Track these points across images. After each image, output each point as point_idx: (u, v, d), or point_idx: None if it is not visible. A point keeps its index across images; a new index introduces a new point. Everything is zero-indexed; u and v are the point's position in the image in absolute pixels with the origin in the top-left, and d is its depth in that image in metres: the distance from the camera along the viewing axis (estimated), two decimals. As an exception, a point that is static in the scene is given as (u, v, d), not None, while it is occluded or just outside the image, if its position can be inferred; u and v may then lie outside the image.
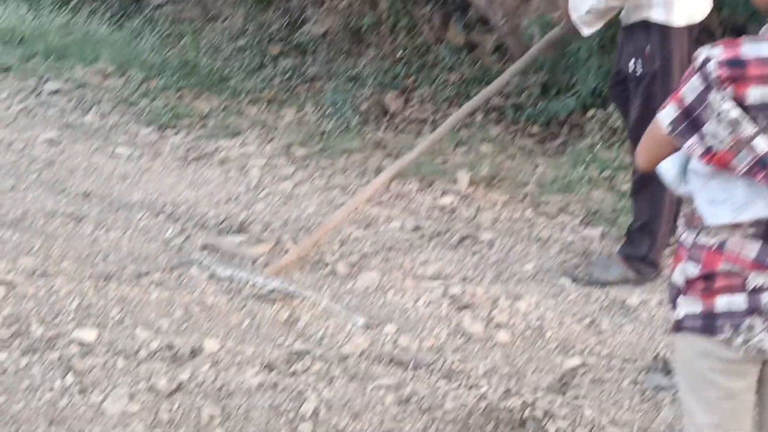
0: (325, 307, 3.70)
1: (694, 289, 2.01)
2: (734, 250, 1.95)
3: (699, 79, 1.89)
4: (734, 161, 1.88)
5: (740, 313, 1.97)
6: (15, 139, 5.68)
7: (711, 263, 1.98)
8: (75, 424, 2.98)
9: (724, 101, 1.85)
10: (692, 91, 1.90)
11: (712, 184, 1.96)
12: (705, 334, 2.00)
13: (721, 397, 2.03)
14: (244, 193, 4.93)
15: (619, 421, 3.05)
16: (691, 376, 2.07)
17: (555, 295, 3.88)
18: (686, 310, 2.03)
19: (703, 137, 1.90)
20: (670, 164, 2.05)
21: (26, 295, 3.64)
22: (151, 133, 5.86)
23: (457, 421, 3.06)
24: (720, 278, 1.97)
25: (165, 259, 4.14)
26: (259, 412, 3.09)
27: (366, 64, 7.10)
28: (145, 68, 7.01)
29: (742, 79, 1.84)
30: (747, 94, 1.84)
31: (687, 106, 1.92)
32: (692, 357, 2.05)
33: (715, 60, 1.86)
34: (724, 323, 1.98)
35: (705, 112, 1.89)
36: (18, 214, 4.56)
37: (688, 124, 1.92)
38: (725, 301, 1.97)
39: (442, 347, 3.48)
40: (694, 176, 1.99)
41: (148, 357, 3.34)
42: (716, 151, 1.89)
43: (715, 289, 1.98)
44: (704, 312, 2.00)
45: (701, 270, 1.99)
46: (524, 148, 5.56)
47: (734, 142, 1.86)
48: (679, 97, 1.94)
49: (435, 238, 4.41)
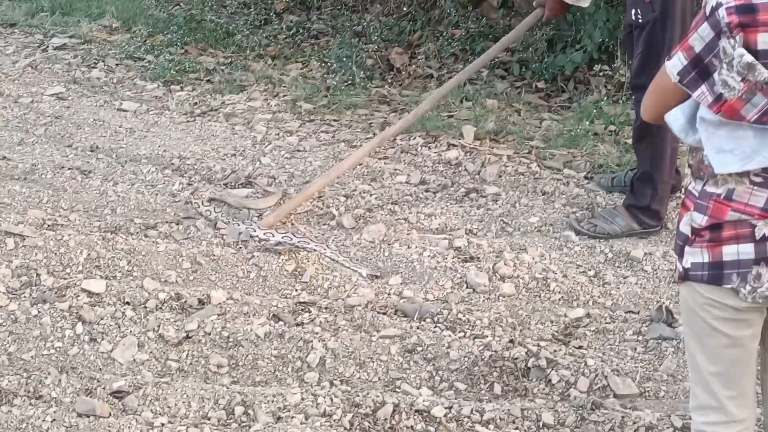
0: (330, 257, 3.74)
1: (701, 239, 2.01)
2: (742, 199, 1.96)
3: (709, 26, 1.88)
4: (744, 109, 1.88)
5: (747, 262, 1.97)
6: (22, 93, 5.70)
7: (719, 213, 1.98)
8: (85, 372, 3.03)
9: (736, 48, 1.84)
10: (702, 39, 1.90)
11: (720, 133, 1.95)
12: (712, 283, 2.01)
13: (726, 345, 2.05)
14: (250, 148, 4.95)
15: (622, 370, 3.09)
16: (696, 325, 2.08)
17: (559, 247, 3.91)
18: (693, 260, 2.03)
19: (713, 85, 1.90)
20: (677, 114, 2.04)
21: (36, 247, 3.67)
22: (157, 89, 5.86)
23: (461, 370, 3.10)
24: (728, 227, 1.98)
25: (172, 211, 4.17)
26: (265, 361, 3.13)
27: (371, 20, 7.07)
28: (151, 24, 7.00)
29: (753, 25, 1.83)
30: (757, 40, 1.84)
31: (697, 54, 1.91)
32: (698, 306, 2.06)
33: (725, 6, 1.85)
34: (731, 272, 1.99)
35: (715, 59, 1.88)
36: (27, 167, 4.60)
37: (697, 73, 1.92)
38: (733, 250, 1.98)
39: (447, 298, 3.52)
40: (703, 125, 1.98)
41: (157, 307, 3.38)
42: (726, 99, 1.88)
43: (722, 238, 1.99)
44: (711, 262, 2.01)
45: (708, 220, 1.99)
46: (530, 103, 5.55)
47: (746, 89, 1.85)
48: (687, 45, 1.93)
49: (440, 191, 4.43)
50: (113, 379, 2.98)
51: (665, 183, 3.93)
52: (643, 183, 3.94)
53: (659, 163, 3.88)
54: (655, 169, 3.90)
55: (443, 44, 6.44)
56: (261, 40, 6.85)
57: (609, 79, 5.52)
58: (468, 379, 3.08)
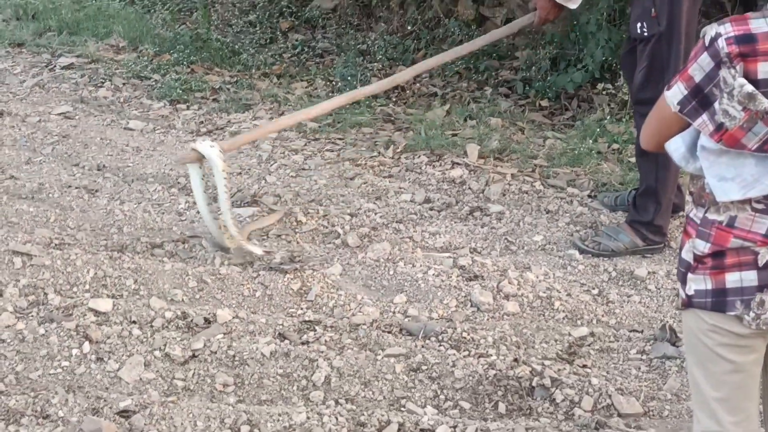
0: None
1: (704, 267, 2.02)
2: (744, 226, 1.97)
3: (708, 56, 1.90)
4: (745, 138, 1.89)
5: (751, 289, 1.98)
6: (29, 113, 5.74)
7: (721, 240, 1.99)
8: (92, 392, 3.04)
9: (737, 77, 1.86)
10: (702, 69, 1.91)
11: (721, 161, 1.96)
12: (715, 310, 2.02)
13: (729, 371, 2.05)
14: (255, 166, 4.98)
15: (626, 389, 3.10)
16: (699, 352, 2.09)
17: (563, 266, 3.93)
18: (696, 287, 2.04)
19: (714, 114, 1.91)
20: (678, 143, 2.05)
21: (43, 266, 3.70)
22: (164, 107, 5.91)
23: (466, 389, 3.11)
24: (730, 254, 1.99)
25: (178, 230, 4.20)
26: (271, 379, 3.15)
27: (375, 39, 7.12)
28: (157, 43, 7.06)
29: (753, 55, 1.85)
30: (757, 70, 1.86)
31: (697, 83, 1.92)
32: (701, 332, 2.06)
33: (724, 36, 1.87)
34: (734, 299, 1.99)
35: (716, 89, 1.90)
36: (34, 186, 4.63)
37: (698, 102, 1.93)
38: (736, 278, 1.99)
39: (451, 317, 3.54)
40: (704, 154, 1.99)
41: (163, 326, 3.40)
42: (727, 128, 1.89)
43: (725, 265, 2.00)
44: (714, 289, 2.02)
45: (711, 247, 2.00)
46: (533, 122, 5.59)
47: (746, 118, 1.87)
48: (687, 75, 1.95)
49: (445, 210, 4.46)
50: (120, 398, 3.00)
51: (668, 198, 3.95)
52: (646, 198, 3.96)
53: (662, 178, 3.90)
54: (658, 185, 3.91)
55: (447, 63, 6.47)
56: (266, 58, 6.91)
57: (612, 98, 5.55)
58: (473, 398, 3.09)
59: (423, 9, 7.18)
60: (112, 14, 7.86)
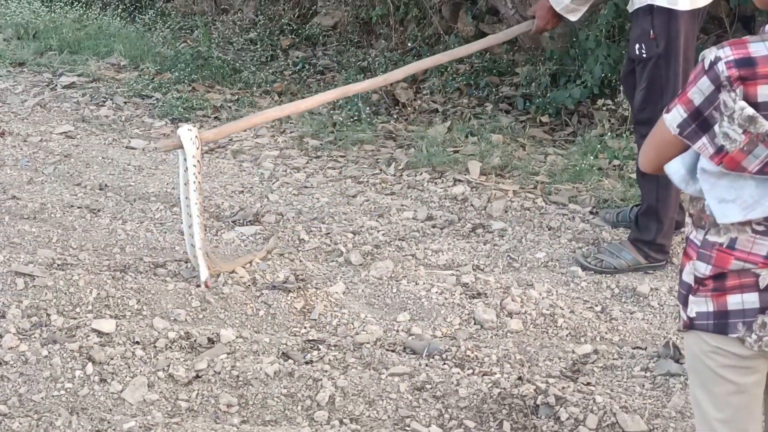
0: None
1: (705, 289, 2.02)
2: (745, 247, 1.97)
3: (708, 79, 1.90)
4: (746, 161, 1.89)
5: (753, 311, 1.98)
6: (31, 132, 5.76)
7: (722, 262, 1.99)
8: (95, 413, 3.03)
9: (737, 101, 1.86)
10: (701, 92, 1.91)
11: (721, 183, 1.95)
12: (717, 332, 2.01)
13: (732, 392, 2.05)
14: (257, 184, 4.99)
15: (631, 407, 3.09)
16: (701, 373, 2.09)
17: (566, 283, 3.93)
18: (698, 309, 2.04)
19: (714, 137, 1.91)
20: (678, 165, 2.04)
21: (45, 287, 3.70)
22: (165, 126, 5.92)
23: (470, 408, 3.11)
24: (731, 277, 1.99)
25: (181, 250, 4.20)
26: (275, 399, 3.14)
27: (376, 55, 7.15)
28: (158, 61, 7.08)
29: (753, 78, 1.86)
30: (757, 93, 1.86)
31: (696, 107, 1.92)
32: (703, 354, 2.06)
33: (724, 60, 1.87)
34: (736, 321, 1.99)
35: (716, 112, 1.90)
36: (36, 206, 4.63)
37: (697, 125, 1.93)
38: (737, 300, 1.99)
39: (455, 335, 3.53)
40: (704, 176, 1.98)
41: (166, 347, 3.39)
42: (728, 151, 1.89)
43: (726, 287, 1.99)
44: (716, 311, 2.01)
45: (712, 269, 2.00)
46: (534, 138, 5.60)
47: (747, 141, 1.87)
48: (686, 99, 1.94)
49: (447, 227, 4.46)
50: (123, 420, 2.99)
51: (670, 218, 3.95)
52: (648, 217, 3.96)
53: (664, 197, 3.90)
54: (659, 204, 3.92)
55: (448, 79, 6.50)
56: (267, 76, 6.93)
57: (612, 113, 5.57)
58: (477, 417, 3.08)
59: (423, 26, 7.21)
60: (112, 33, 7.89)
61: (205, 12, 8.76)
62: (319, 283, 3.87)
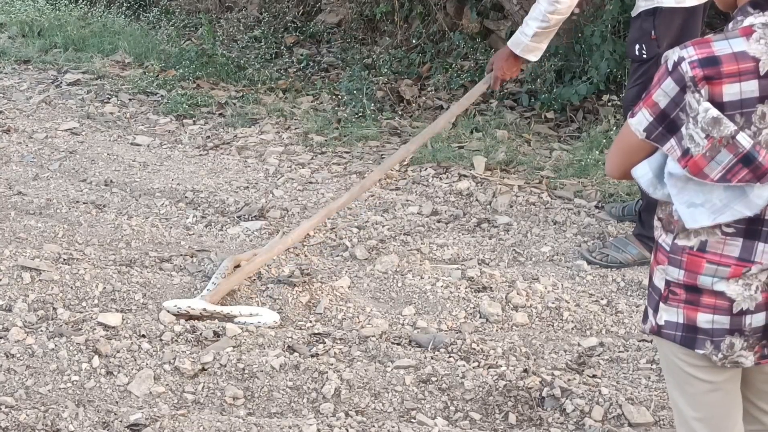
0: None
1: (676, 298, 1.99)
2: (716, 249, 1.93)
3: (673, 81, 1.86)
4: (708, 167, 1.85)
5: (721, 331, 1.95)
6: (36, 129, 5.77)
7: (694, 266, 1.95)
8: (102, 405, 3.04)
9: (701, 102, 1.82)
10: (666, 94, 1.87)
11: (689, 187, 1.91)
12: (684, 345, 1.99)
13: (706, 390, 2.03)
14: (262, 180, 4.99)
15: (637, 398, 3.09)
16: (674, 373, 2.07)
17: (572, 276, 3.93)
18: (667, 318, 2.01)
19: (681, 139, 1.87)
20: (645, 169, 1.99)
21: (52, 281, 3.71)
22: (170, 123, 5.93)
23: (476, 400, 3.11)
24: (708, 295, 1.95)
25: (186, 244, 4.21)
26: (281, 392, 3.14)
27: (381, 53, 7.14)
28: (163, 58, 7.09)
29: (717, 77, 1.82)
30: (723, 92, 1.82)
31: (662, 109, 1.88)
32: (674, 356, 2.04)
33: (688, 60, 1.83)
34: (704, 339, 1.96)
35: (682, 113, 1.86)
36: (42, 202, 4.64)
37: (665, 128, 1.89)
38: (708, 319, 1.95)
39: (460, 328, 3.54)
40: (671, 180, 1.94)
41: (172, 340, 3.40)
42: (693, 155, 1.85)
43: (700, 303, 1.96)
44: (686, 324, 1.98)
45: (685, 274, 1.96)
46: (540, 134, 5.60)
47: (709, 146, 1.82)
48: (651, 101, 1.90)
49: (452, 222, 4.46)
50: (130, 412, 2.99)
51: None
52: (648, 214, 3.96)
53: None
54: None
55: (452, 76, 6.50)
56: (272, 73, 6.93)
57: (617, 109, 5.56)
58: (483, 409, 3.08)
59: (428, 23, 7.21)
60: (117, 30, 7.90)
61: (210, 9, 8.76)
62: (324, 278, 3.87)
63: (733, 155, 1.83)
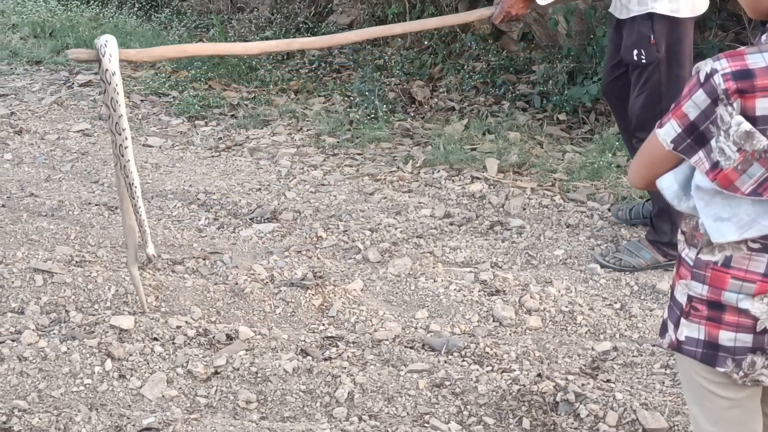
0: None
1: (698, 315, 1.96)
2: (741, 265, 1.90)
3: (704, 93, 1.81)
4: (739, 180, 1.82)
5: (743, 350, 1.93)
6: (48, 130, 5.77)
7: (718, 281, 1.92)
8: (114, 409, 3.04)
9: (734, 115, 1.78)
10: (697, 106, 1.83)
11: (716, 201, 1.88)
12: (705, 362, 1.97)
13: (726, 407, 2.01)
14: (275, 182, 4.98)
15: (651, 404, 3.07)
16: (694, 389, 2.05)
17: (585, 280, 3.91)
18: (688, 333, 1.98)
19: (710, 152, 1.83)
20: (670, 180, 1.96)
21: (64, 283, 3.71)
22: (182, 124, 5.93)
23: (489, 405, 3.10)
24: (731, 312, 1.92)
25: (199, 247, 4.20)
26: (294, 396, 3.14)
27: (392, 54, 7.13)
28: (174, 60, 7.07)
29: (751, 91, 1.77)
30: (756, 106, 1.78)
31: (692, 121, 1.84)
32: (693, 371, 2.02)
33: (721, 73, 1.79)
34: (726, 356, 1.94)
35: (712, 126, 1.82)
36: (54, 203, 4.64)
37: (693, 140, 1.85)
38: (730, 336, 1.93)
39: (473, 332, 3.52)
40: (698, 193, 1.90)
41: (185, 343, 3.39)
42: (722, 168, 1.82)
43: (723, 321, 1.93)
44: (707, 340, 1.96)
45: (710, 289, 1.93)
46: (552, 135, 5.58)
47: (741, 159, 1.79)
48: (681, 112, 1.85)
49: (465, 224, 4.45)
50: (143, 415, 2.99)
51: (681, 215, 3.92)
52: (661, 220, 3.94)
53: None
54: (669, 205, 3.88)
55: (464, 77, 6.49)
56: (284, 74, 6.93)
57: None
58: (496, 414, 3.07)
59: (439, 24, 7.18)
60: (129, 31, 7.91)
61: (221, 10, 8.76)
62: (337, 280, 3.86)
63: (765, 169, 1.80)
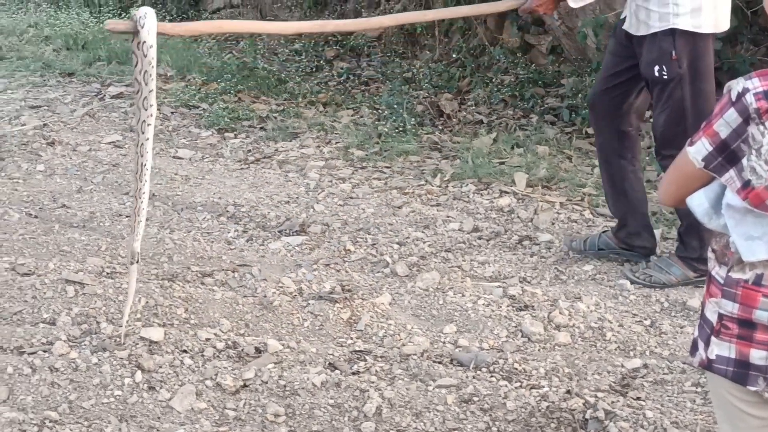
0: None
1: (729, 332, 1.94)
2: None
3: (736, 111, 1.81)
4: None
5: None
6: (80, 142, 5.83)
7: (749, 300, 1.90)
8: (144, 421, 3.05)
9: (765, 134, 1.78)
10: (728, 125, 1.82)
11: (748, 220, 1.87)
12: (736, 381, 1.94)
13: (757, 426, 1.99)
14: (303, 195, 5.00)
15: (682, 422, 3.05)
16: (725, 408, 2.02)
17: (614, 296, 3.89)
18: (718, 352, 1.96)
19: (741, 171, 1.82)
20: (701, 198, 1.95)
21: (95, 294, 3.74)
22: (212, 136, 5.97)
23: (518, 421, 3.08)
24: (762, 330, 1.90)
25: (228, 259, 4.22)
26: (322, 410, 3.14)
27: (421, 67, 7.15)
28: (204, 72, 7.15)
29: None
30: None
31: (723, 140, 1.84)
32: (725, 390, 2.00)
33: (753, 92, 1.78)
34: (757, 375, 1.92)
35: (744, 145, 1.81)
36: (85, 215, 4.68)
37: (724, 158, 1.85)
38: (762, 355, 1.91)
39: (502, 347, 3.51)
40: (729, 212, 1.90)
41: (214, 356, 3.41)
42: (754, 187, 1.81)
43: (755, 339, 1.91)
44: (738, 359, 1.93)
45: (741, 308, 1.91)
46: (581, 150, 5.56)
47: None
48: (712, 131, 1.85)
49: (493, 239, 4.44)
50: (172, 428, 3.01)
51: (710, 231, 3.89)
52: (689, 236, 3.92)
53: None
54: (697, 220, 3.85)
55: (493, 90, 6.49)
56: (312, 87, 6.97)
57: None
58: (525, 430, 3.06)
59: (468, 37, 7.20)
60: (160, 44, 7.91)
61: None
62: (365, 294, 3.87)
63: None
